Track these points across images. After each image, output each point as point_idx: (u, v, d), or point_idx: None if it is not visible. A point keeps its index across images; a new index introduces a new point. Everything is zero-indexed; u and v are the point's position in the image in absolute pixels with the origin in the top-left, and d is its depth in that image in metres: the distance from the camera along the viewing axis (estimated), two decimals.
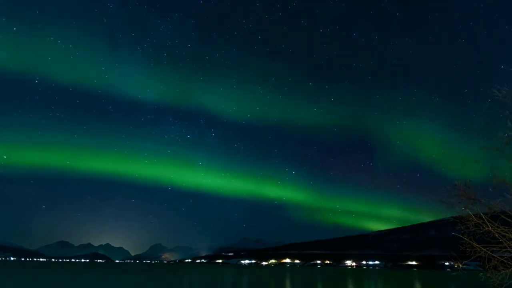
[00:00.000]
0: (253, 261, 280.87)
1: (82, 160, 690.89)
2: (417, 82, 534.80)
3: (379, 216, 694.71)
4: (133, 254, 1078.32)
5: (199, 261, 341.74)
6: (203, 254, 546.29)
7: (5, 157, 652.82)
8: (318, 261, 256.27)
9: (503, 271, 12.30)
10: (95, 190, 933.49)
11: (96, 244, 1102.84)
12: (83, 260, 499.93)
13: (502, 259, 12.45)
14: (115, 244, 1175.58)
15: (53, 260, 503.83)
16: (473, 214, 12.79)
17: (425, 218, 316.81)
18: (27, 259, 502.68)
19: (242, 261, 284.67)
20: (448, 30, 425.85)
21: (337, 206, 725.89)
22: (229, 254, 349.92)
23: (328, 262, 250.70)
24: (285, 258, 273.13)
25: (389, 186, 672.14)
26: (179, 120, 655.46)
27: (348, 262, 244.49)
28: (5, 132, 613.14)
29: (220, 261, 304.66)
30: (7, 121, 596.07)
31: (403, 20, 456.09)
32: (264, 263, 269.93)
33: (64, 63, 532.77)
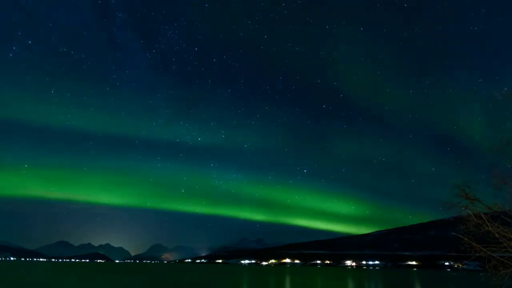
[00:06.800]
0: (253, 261, 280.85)
1: (97, 166, 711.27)
2: (428, 74, 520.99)
3: (385, 215, 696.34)
4: (133, 254, 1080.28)
5: (199, 261, 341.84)
6: (203, 254, 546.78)
7: (26, 165, 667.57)
8: (318, 261, 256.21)
9: (503, 271, 12.30)
10: (112, 194, 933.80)
11: (96, 244, 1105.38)
12: (83, 260, 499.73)
13: (502, 259, 12.46)
14: (115, 244, 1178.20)
15: (53, 260, 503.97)
16: (473, 214, 12.81)
17: (425, 218, 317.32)
18: (27, 259, 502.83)
19: (242, 261, 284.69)
20: (459, 19, 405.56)
21: (350, 202, 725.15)
22: (229, 254, 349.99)
23: (328, 262, 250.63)
24: (285, 258, 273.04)
25: (401, 185, 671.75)
26: (190, 123, 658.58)
27: (348, 262, 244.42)
28: (25, 141, 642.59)
29: (220, 261, 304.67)
30: (26, 131, 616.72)
31: (411, 11, 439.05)
32: (264, 263, 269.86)
33: (77, 73, 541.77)
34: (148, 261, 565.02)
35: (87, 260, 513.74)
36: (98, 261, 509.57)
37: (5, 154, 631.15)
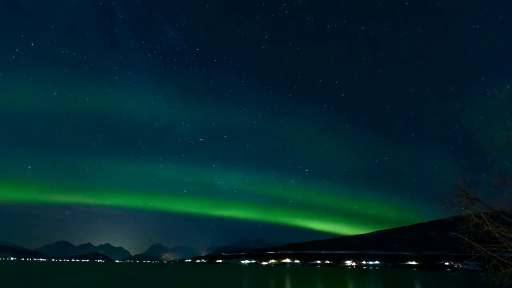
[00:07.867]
0: (253, 261, 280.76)
1: (99, 167, 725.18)
2: (429, 73, 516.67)
3: (385, 215, 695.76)
4: (133, 254, 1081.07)
5: (199, 261, 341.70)
6: (203, 254, 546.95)
7: (29, 167, 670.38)
8: (318, 261, 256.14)
9: (503, 271, 12.26)
10: (114, 195, 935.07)
11: (96, 244, 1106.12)
12: (83, 260, 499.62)
13: (502, 259, 12.42)
14: (115, 244, 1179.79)
15: (53, 260, 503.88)
16: (473, 214, 12.77)
17: (425, 218, 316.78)
18: (27, 259, 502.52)
19: (242, 261, 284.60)
20: (461, 17, 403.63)
21: (352, 202, 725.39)
22: (229, 254, 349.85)
23: (328, 262, 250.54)
24: (285, 258, 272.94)
25: (401, 185, 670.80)
26: (191, 124, 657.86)
27: (348, 262, 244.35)
28: (28, 143, 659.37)
29: (220, 261, 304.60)
30: (29, 133, 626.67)
31: (413, 9, 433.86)
32: (264, 263, 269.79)
33: (79, 74, 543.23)
34: (148, 261, 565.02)
35: (87, 260, 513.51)
36: (98, 261, 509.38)
37: (8, 156, 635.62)
